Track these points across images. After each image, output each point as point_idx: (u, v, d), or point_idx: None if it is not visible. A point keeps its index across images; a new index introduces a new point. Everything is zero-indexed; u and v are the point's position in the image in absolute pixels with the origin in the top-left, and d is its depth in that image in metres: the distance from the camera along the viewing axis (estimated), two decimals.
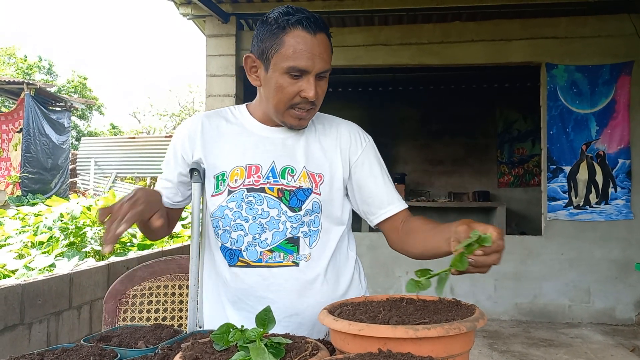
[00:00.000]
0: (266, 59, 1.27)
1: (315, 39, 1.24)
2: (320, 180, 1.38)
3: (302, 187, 1.35)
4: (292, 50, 1.23)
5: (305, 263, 1.35)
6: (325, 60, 1.26)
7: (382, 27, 5.59)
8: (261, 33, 1.28)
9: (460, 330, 0.86)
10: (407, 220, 1.42)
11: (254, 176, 1.35)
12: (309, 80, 1.25)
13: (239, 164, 1.36)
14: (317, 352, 0.86)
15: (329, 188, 1.39)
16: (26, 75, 18.95)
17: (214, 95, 5.51)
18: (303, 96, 1.27)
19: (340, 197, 1.42)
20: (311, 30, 1.23)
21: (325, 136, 1.43)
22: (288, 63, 1.24)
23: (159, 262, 1.84)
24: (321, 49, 1.25)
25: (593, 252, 5.10)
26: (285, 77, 1.26)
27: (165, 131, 22.35)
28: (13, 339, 2.62)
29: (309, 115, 1.33)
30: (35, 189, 10.71)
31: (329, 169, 1.40)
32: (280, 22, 1.24)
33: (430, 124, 8.19)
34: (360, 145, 1.44)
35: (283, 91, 1.27)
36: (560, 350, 4.25)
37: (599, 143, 5.12)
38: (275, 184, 1.34)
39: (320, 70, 1.26)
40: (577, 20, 5.16)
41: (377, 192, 1.43)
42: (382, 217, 1.44)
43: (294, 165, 1.36)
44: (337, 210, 1.42)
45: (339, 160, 1.42)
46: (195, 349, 0.86)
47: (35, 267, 4.09)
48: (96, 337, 1.14)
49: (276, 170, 1.35)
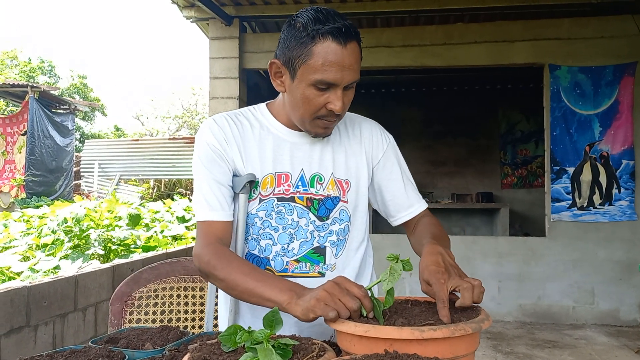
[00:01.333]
0: (293, 68, 1.21)
1: (346, 50, 1.17)
2: (347, 187, 1.38)
3: (331, 196, 1.35)
4: (321, 63, 1.17)
5: (331, 273, 1.35)
6: (355, 71, 1.20)
7: (384, 29, 5.60)
8: (288, 39, 1.21)
9: (466, 332, 0.87)
10: (417, 223, 1.44)
11: (284, 185, 1.33)
12: (336, 93, 1.20)
13: (269, 172, 1.33)
14: (323, 354, 0.86)
15: (355, 195, 1.39)
16: (30, 78, 19.01)
17: (218, 98, 5.52)
18: (329, 108, 1.22)
19: (365, 202, 1.42)
20: (342, 41, 1.16)
21: (349, 139, 1.42)
22: (316, 76, 1.18)
23: (165, 264, 1.85)
24: (351, 60, 1.18)
25: (597, 253, 5.10)
26: (312, 89, 1.20)
27: (169, 133, 22.39)
28: (19, 340, 2.63)
29: (334, 125, 1.30)
30: (40, 191, 10.75)
31: (355, 175, 1.39)
32: (310, 30, 1.16)
33: (432, 125, 8.19)
34: (382, 147, 1.45)
35: (309, 103, 1.22)
36: (564, 352, 4.24)
37: (603, 144, 5.12)
38: (305, 192, 1.33)
39: (349, 82, 1.20)
40: (580, 21, 5.16)
41: (397, 194, 1.44)
42: (401, 219, 1.46)
43: (322, 172, 1.36)
44: (362, 216, 1.42)
45: (364, 163, 1.42)
46: (203, 350, 0.87)
47: (40, 270, 4.11)
48: (104, 339, 1.15)
49: (305, 178, 1.34)
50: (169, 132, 22.81)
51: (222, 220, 1.29)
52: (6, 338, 2.55)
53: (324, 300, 0.99)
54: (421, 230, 1.39)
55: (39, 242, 4.98)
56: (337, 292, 1.00)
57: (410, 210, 1.44)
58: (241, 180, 1.31)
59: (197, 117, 23.34)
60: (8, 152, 11.20)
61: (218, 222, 1.28)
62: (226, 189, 1.31)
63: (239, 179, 1.32)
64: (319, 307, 0.99)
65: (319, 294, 1.01)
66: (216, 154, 1.31)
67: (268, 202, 1.33)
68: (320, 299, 1.00)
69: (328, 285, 1.02)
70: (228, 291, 1.23)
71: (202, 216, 1.29)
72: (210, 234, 1.27)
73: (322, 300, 0.99)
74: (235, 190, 1.32)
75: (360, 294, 1.00)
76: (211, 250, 1.24)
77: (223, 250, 1.24)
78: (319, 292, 1.02)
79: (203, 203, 1.29)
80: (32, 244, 4.96)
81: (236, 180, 1.32)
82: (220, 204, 1.29)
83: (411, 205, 1.45)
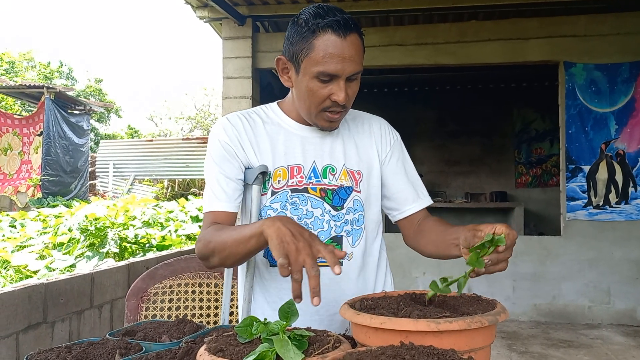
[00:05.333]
0: (296, 62, 1.26)
1: (346, 42, 1.21)
2: (359, 178, 1.40)
3: (344, 186, 1.37)
4: (321, 55, 1.21)
5: (348, 262, 1.37)
6: (356, 62, 1.23)
7: (397, 27, 5.58)
8: (292, 35, 1.26)
9: (482, 324, 0.87)
10: (424, 220, 1.45)
11: (297, 177, 1.36)
12: (339, 84, 1.24)
13: (281, 165, 1.36)
14: (339, 345, 0.86)
15: (367, 185, 1.41)
16: (47, 80, 19.23)
17: (231, 98, 5.54)
18: (333, 100, 1.26)
19: (377, 194, 1.45)
20: (342, 33, 1.20)
21: (359, 133, 1.45)
22: (318, 68, 1.22)
23: (180, 261, 1.86)
24: (352, 52, 1.22)
25: (613, 252, 5.04)
26: (315, 82, 1.25)
27: (182, 134, 22.51)
28: (37, 337, 2.66)
29: (341, 117, 1.33)
30: (56, 191, 10.87)
31: (367, 166, 1.42)
32: (311, 25, 1.21)
33: (446, 124, 8.15)
34: (389, 143, 1.47)
35: (314, 95, 1.26)
36: (580, 352, 4.20)
37: (619, 142, 5.06)
38: (318, 183, 1.36)
39: (351, 73, 1.24)
40: (595, 18, 5.11)
41: (401, 189, 1.46)
42: (402, 214, 1.47)
43: (334, 164, 1.38)
44: (375, 206, 1.44)
45: (375, 155, 1.44)
46: (220, 341, 0.88)
47: (56, 268, 4.16)
48: (121, 332, 1.16)
49: (317, 170, 1.37)
50: (182, 133, 22.95)
51: (226, 211, 1.32)
52: (24, 334, 2.58)
53: (285, 242, 1.02)
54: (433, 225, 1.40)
55: (55, 241, 5.03)
56: (301, 247, 1.01)
57: (412, 205, 1.45)
58: (253, 171, 1.33)
59: (209, 118, 23.46)
60: (24, 153, 11.34)
61: (222, 212, 1.32)
62: (234, 183, 1.34)
63: (251, 170, 1.35)
64: (277, 242, 1.02)
65: (284, 233, 1.03)
66: (227, 151, 1.35)
67: (282, 193, 1.35)
68: (282, 240, 1.03)
69: (294, 232, 1.04)
70: (222, 259, 1.23)
71: (207, 207, 1.34)
72: (211, 222, 1.31)
73: (283, 240, 1.02)
74: (247, 182, 1.36)
75: (328, 251, 1.01)
76: (205, 232, 1.28)
77: (215, 227, 1.27)
78: (286, 231, 1.04)
79: (210, 196, 1.34)
80: (49, 243, 5.01)
81: (248, 172, 1.36)
82: (227, 195, 1.33)
83: (414, 200, 1.46)
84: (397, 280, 1.54)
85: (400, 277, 5.21)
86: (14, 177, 11.14)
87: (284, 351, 0.79)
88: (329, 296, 1.34)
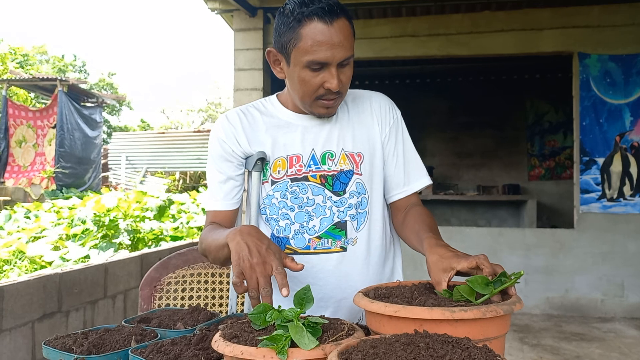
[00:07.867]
0: (286, 53, 1.26)
1: (333, 28, 1.19)
2: (360, 160, 1.39)
3: (344, 170, 1.37)
4: (310, 44, 1.20)
5: (353, 247, 1.37)
6: (346, 48, 1.21)
7: (409, 18, 5.54)
8: (279, 26, 1.26)
9: (497, 313, 0.87)
10: (411, 209, 1.42)
11: (296, 166, 1.36)
12: (330, 71, 1.23)
13: (280, 155, 1.37)
14: (353, 332, 0.87)
15: (369, 167, 1.40)
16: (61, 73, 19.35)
17: (242, 89, 5.55)
18: (327, 87, 1.25)
19: (381, 173, 1.43)
20: (327, 19, 1.18)
21: (359, 114, 1.43)
22: (307, 57, 1.21)
23: (193, 251, 1.87)
24: (340, 37, 1.20)
25: (627, 245, 4.99)
26: (306, 71, 1.24)
27: (193, 126, 22.58)
28: (52, 325, 2.70)
29: (336, 104, 1.32)
30: (69, 183, 10.95)
31: (368, 146, 1.41)
32: (296, 14, 1.20)
33: (458, 116, 8.10)
34: (388, 122, 1.45)
35: (306, 84, 1.26)
36: (592, 345, 4.18)
37: (634, 134, 5.00)
38: (317, 170, 1.36)
39: (341, 59, 1.22)
40: (610, 8, 5.04)
41: (391, 174, 1.44)
42: (389, 200, 1.46)
43: (333, 149, 1.38)
44: (379, 188, 1.42)
45: (377, 133, 1.43)
46: (235, 328, 0.88)
47: (71, 259, 4.20)
48: (136, 319, 1.17)
49: (316, 157, 1.37)
50: (193, 125, 23.01)
51: (223, 210, 1.39)
52: (40, 323, 2.62)
53: (241, 258, 1.06)
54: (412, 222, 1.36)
55: (69, 232, 5.08)
56: (255, 264, 1.04)
57: (405, 188, 1.44)
58: (252, 158, 1.37)
59: (220, 110, 23.50)
60: (39, 145, 11.43)
61: (219, 212, 1.40)
62: (233, 181, 1.40)
63: (250, 158, 1.38)
64: (235, 259, 1.07)
65: (242, 248, 1.06)
66: (224, 149, 1.39)
67: (282, 183, 1.36)
68: (239, 256, 1.06)
69: (251, 247, 1.06)
70: (213, 261, 1.30)
71: (208, 206, 1.42)
72: (210, 221, 1.39)
73: (239, 257, 1.06)
74: (248, 169, 1.40)
75: (278, 272, 1.03)
76: (203, 232, 1.36)
77: (210, 227, 1.34)
78: (243, 246, 1.07)
79: (210, 195, 1.41)
80: (63, 234, 5.07)
81: (248, 160, 1.40)
82: (225, 194, 1.39)
83: (407, 184, 1.44)
84: (409, 273, 1.52)
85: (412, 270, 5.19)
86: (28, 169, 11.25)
87: (298, 337, 0.79)
88: (334, 282, 1.35)
